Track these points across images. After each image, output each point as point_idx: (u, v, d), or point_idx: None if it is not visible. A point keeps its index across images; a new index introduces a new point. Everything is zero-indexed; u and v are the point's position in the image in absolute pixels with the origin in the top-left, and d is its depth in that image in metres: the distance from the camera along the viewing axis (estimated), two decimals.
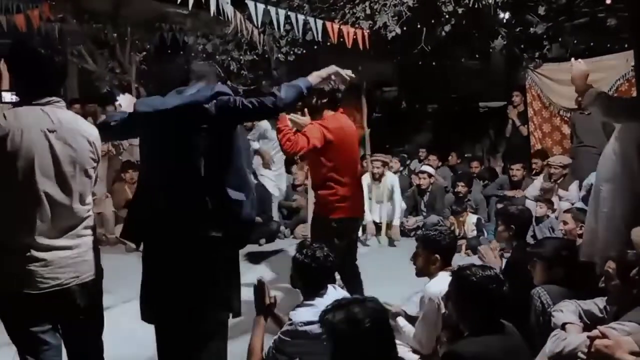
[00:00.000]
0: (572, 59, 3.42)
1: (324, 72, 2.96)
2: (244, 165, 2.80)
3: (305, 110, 3.93)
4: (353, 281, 4.06)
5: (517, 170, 7.02)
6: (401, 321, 3.38)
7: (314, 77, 2.89)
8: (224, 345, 2.79)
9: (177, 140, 2.57)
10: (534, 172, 6.98)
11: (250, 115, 2.85)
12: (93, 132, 2.44)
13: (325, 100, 3.87)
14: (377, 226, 6.87)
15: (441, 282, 2.95)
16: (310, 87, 2.84)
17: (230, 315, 2.79)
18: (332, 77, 3.04)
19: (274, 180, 6.94)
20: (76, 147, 2.34)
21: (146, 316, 2.73)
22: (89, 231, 2.47)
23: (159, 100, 2.65)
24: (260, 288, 2.89)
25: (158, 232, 2.63)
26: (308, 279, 2.89)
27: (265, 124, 6.65)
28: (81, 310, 2.45)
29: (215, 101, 2.57)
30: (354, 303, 2.07)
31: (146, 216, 2.65)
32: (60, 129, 2.30)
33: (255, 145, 6.57)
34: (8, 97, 7.39)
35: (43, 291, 2.28)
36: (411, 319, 3.38)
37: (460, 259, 3.26)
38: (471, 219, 6.51)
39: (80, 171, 2.36)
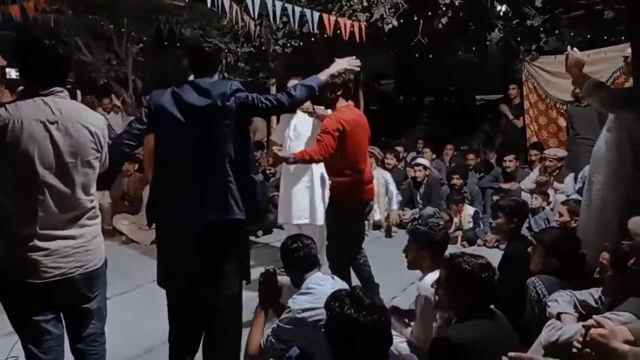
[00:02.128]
0: (568, 47, 3.42)
1: (334, 70, 3.21)
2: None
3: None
4: (362, 268, 4.28)
5: (509, 162, 7.06)
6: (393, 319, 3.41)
7: (325, 75, 3.15)
8: (241, 310, 3.00)
9: (201, 133, 2.73)
10: (534, 163, 7.00)
11: (267, 112, 3.04)
12: (96, 122, 2.42)
13: (339, 93, 4.01)
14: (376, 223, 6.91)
15: (434, 279, 2.97)
16: (322, 85, 3.10)
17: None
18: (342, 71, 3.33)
19: None
20: (77, 138, 2.33)
21: (163, 283, 2.95)
22: (93, 221, 2.47)
23: (179, 96, 2.78)
24: (267, 278, 2.93)
25: (181, 214, 2.80)
26: (294, 263, 2.99)
27: None
28: (84, 300, 2.47)
29: (234, 98, 2.74)
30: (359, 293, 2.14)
31: (168, 201, 2.83)
32: (60, 120, 2.29)
33: None
34: (14, 73, 7.17)
35: (46, 280, 2.29)
36: (404, 313, 3.41)
37: (455, 250, 3.34)
38: (468, 210, 6.53)
39: (82, 161, 2.35)
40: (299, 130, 4.92)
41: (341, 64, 3.27)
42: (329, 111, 4.13)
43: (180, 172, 2.80)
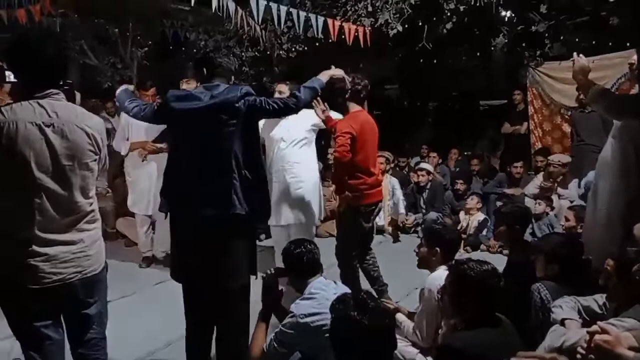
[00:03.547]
0: (574, 53, 3.42)
1: (326, 76, 3.46)
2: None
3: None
4: (372, 269, 4.40)
5: (519, 168, 7.04)
6: (400, 317, 3.40)
7: (325, 77, 3.44)
8: (247, 305, 3.09)
9: (212, 133, 2.88)
10: (540, 169, 6.97)
11: (274, 114, 3.14)
12: (93, 124, 2.39)
13: (353, 98, 4.21)
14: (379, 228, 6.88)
15: (442, 275, 2.97)
16: (324, 86, 3.36)
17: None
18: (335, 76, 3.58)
19: None
20: (74, 140, 2.29)
21: (176, 277, 3.10)
22: (93, 225, 2.44)
23: (193, 96, 2.93)
24: (270, 283, 2.94)
25: (190, 208, 2.93)
26: (297, 268, 2.99)
27: None
28: (84, 306, 2.46)
29: (243, 101, 2.89)
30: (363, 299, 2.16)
31: (179, 195, 2.98)
32: (56, 122, 2.26)
33: None
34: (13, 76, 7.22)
35: (45, 286, 2.27)
36: (411, 317, 3.40)
37: (458, 256, 3.33)
38: (478, 216, 6.50)
39: (79, 164, 2.32)
40: (292, 133, 4.87)
41: (329, 72, 3.52)
42: (341, 116, 4.32)
43: (188, 169, 2.95)
